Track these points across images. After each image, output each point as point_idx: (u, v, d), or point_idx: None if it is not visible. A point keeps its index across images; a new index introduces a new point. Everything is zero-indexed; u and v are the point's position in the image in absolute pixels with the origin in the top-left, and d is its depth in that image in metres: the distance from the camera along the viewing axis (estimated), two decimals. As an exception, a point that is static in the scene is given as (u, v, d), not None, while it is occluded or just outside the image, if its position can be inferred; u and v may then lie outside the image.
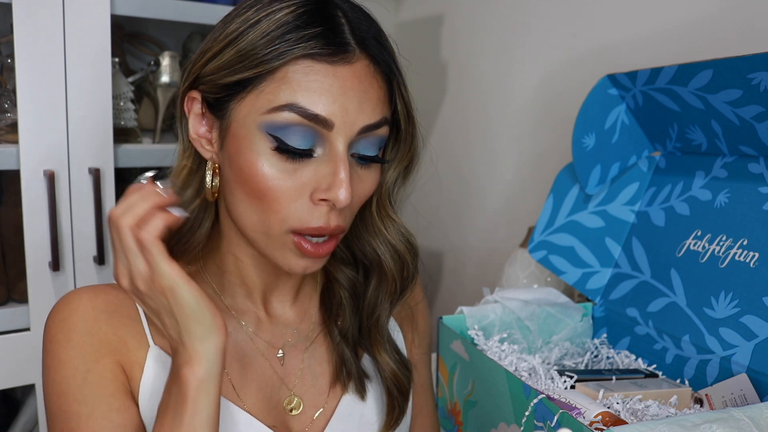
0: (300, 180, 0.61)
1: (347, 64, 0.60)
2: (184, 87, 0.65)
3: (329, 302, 0.76)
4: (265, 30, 0.59)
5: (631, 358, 0.82)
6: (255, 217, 0.63)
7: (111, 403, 0.63)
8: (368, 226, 0.72)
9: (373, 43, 0.62)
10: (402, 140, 0.69)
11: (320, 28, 0.59)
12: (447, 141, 1.51)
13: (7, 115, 1.13)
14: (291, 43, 0.59)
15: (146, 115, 1.34)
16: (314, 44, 0.59)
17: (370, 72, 0.62)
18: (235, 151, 0.62)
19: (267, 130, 0.60)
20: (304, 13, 0.60)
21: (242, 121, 0.61)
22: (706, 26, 0.93)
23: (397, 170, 0.71)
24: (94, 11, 1.10)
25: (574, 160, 0.88)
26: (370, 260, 0.74)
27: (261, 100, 0.60)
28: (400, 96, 0.66)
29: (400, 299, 0.75)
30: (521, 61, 1.29)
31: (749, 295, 0.71)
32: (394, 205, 0.72)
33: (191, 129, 0.65)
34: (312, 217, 0.62)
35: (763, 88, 0.68)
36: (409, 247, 0.73)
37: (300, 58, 0.59)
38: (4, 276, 1.16)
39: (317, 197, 0.61)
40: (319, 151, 0.61)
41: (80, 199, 1.12)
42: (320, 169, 0.61)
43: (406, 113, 0.67)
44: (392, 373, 0.74)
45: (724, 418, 0.53)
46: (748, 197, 0.75)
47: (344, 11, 0.62)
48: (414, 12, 1.61)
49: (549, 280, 1.07)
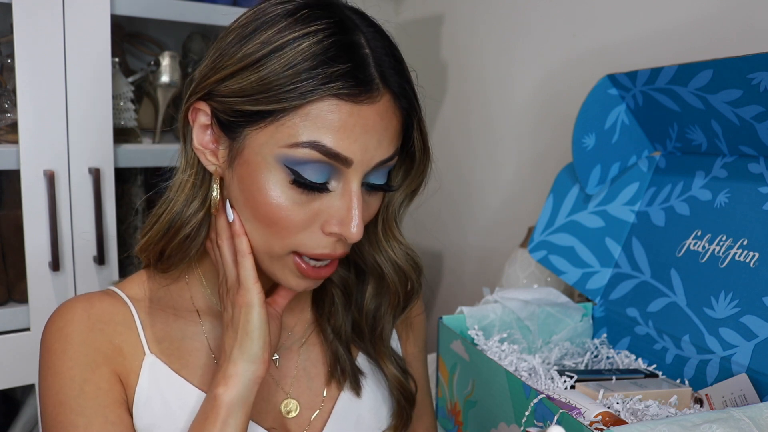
0: (312, 211, 0.60)
1: (372, 104, 0.59)
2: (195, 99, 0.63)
3: (321, 301, 0.76)
4: (290, 62, 0.56)
5: (631, 358, 0.82)
6: (260, 239, 0.63)
7: (107, 414, 0.64)
8: (372, 243, 0.72)
9: (395, 78, 0.61)
10: (415, 169, 0.68)
11: (348, 65, 0.57)
12: (447, 141, 1.51)
13: (7, 115, 1.13)
14: (318, 81, 0.56)
15: (146, 115, 1.34)
16: (342, 84, 0.57)
17: (392, 108, 0.61)
18: (247, 175, 0.61)
19: (284, 163, 0.59)
20: (331, 45, 0.57)
21: (257, 149, 0.59)
22: (706, 26, 0.93)
23: (404, 193, 0.71)
24: (94, 11, 1.10)
25: (574, 160, 0.88)
26: (368, 267, 0.74)
27: (281, 133, 0.58)
28: (419, 130, 0.65)
29: (403, 312, 0.76)
30: (521, 61, 1.29)
31: (749, 295, 0.71)
32: (400, 225, 0.72)
33: (195, 139, 0.64)
34: (319, 245, 0.62)
35: (763, 88, 0.68)
36: (413, 265, 0.74)
37: (327, 97, 0.57)
38: (4, 276, 1.16)
39: (328, 230, 0.61)
40: (333, 184, 0.60)
41: (80, 199, 1.12)
42: (333, 202, 0.61)
43: (423, 145, 0.66)
44: (398, 381, 0.75)
45: (724, 418, 0.53)
46: (748, 197, 0.75)
47: (367, 39, 0.60)
48: (414, 12, 1.61)
49: (549, 280, 1.07)
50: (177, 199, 0.66)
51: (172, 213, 0.66)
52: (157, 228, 0.67)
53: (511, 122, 1.32)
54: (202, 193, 0.66)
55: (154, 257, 0.69)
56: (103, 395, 0.64)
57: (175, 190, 0.67)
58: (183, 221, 0.66)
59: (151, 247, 0.68)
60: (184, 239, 0.67)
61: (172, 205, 0.66)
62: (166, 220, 0.66)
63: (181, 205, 0.66)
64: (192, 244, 0.68)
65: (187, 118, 0.65)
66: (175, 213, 0.66)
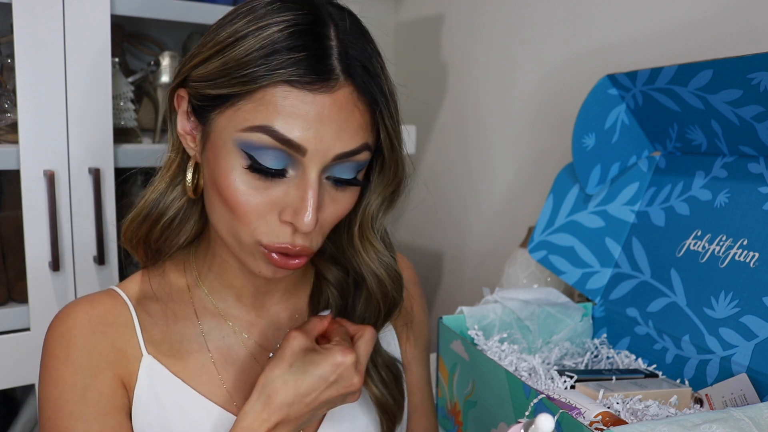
0: (270, 198, 0.61)
1: (328, 93, 0.59)
2: (174, 84, 0.65)
3: (318, 301, 0.76)
4: (250, 47, 0.58)
5: (631, 358, 0.82)
6: (227, 224, 0.63)
7: (107, 421, 0.64)
8: (352, 248, 0.72)
9: (360, 71, 0.61)
10: (387, 167, 0.67)
11: (305, 53, 0.58)
12: (447, 141, 1.51)
13: (7, 115, 1.13)
14: (272, 66, 0.57)
15: (146, 115, 1.34)
16: (294, 71, 0.57)
17: (353, 100, 0.60)
18: (212, 159, 0.62)
19: (242, 147, 0.59)
20: (293, 33, 0.58)
21: (220, 132, 0.61)
22: (706, 26, 0.93)
23: (381, 196, 0.69)
24: (94, 11, 1.10)
25: (574, 160, 0.88)
26: (356, 273, 0.74)
27: (238, 117, 0.59)
28: (384, 125, 0.64)
29: (384, 322, 0.75)
30: (521, 61, 1.29)
31: (749, 295, 0.71)
32: (378, 232, 0.71)
33: (179, 125, 0.65)
34: (278, 235, 0.62)
35: (763, 88, 0.68)
36: (391, 274, 0.72)
37: (279, 83, 0.57)
38: (4, 276, 1.16)
39: (283, 218, 0.61)
40: (291, 172, 0.60)
41: (80, 199, 1.12)
42: (290, 190, 0.61)
43: (390, 143, 0.65)
44: (377, 400, 0.74)
45: (724, 418, 0.53)
46: (748, 197, 0.75)
47: (338, 32, 0.60)
48: (414, 12, 1.61)
49: (549, 280, 1.07)
50: (159, 183, 0.68)
51: (154, 197, 0.67)
52: (137, 211, 0.68)
53: (511, 122, 1.32)
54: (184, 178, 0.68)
55: (141, 248, 0.70)
56: (104, 401, 0.64)
57: (160, 172, 0.68)
58: (165, 205, 0.67)
59: (134, 230, 0.69)
60: (168, 225, 0.68)
61: (154, 189, 0.68)
62: (147, 203, 0.68)
63: (162, 189, 0.68)
64: (177, 231, 0.69)
65: (173, 105, 0.66)
66: (156, 197, 0.67)
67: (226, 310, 0.72)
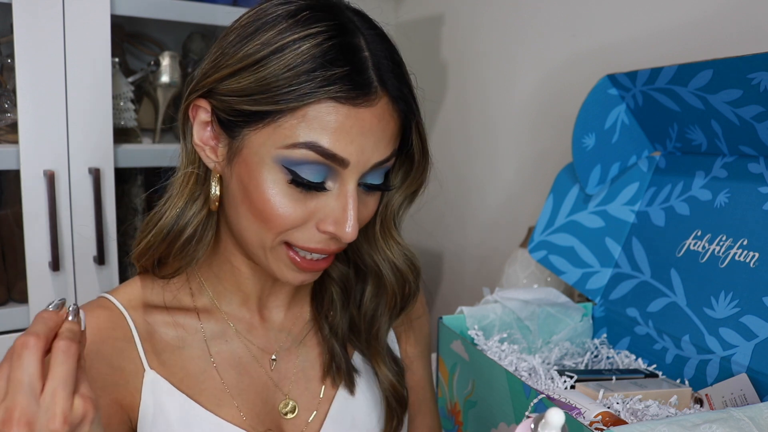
0: (308, 209, 0.61)
1: (369, 107, 0.59)
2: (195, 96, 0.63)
3: (320, 297, 0.76)
4: (290, 64, 0.57)
5: (631, 358, 0.82)
6: (253, 235, 0.63)
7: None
8: (371, 243, 0.72)
9: (393, 79, 0.61)
10: (414, 170, 0.69)
11: (347, 68, 0.57)
12: (447, 141, 1.51)
13: (7, 115, 1.13)
14: (316, 84, 0.57)
15: (146, 115, 1.35)
16: (340, 87, 0.57)
17: (389, 110, 0.61)
18: (245, 174, 0.61)
19: (282, 164, 0.59)
20: (330, 48, 0.57)
21: (256, 149, 0.60)
22: (706, 26, 0.93)
23: (404, 195, 0.71)
24: (94, 11, 1.10)
25: (574, 160, 0.88)
26: (367, 268, 0.74)
27: (278, 134, 0.58)
28: (417, 133, 0.65)
29: (400, 314, 0.76)
30: (521, 61, 1.29)
31: (749, 295, 0.71)
32: (399, 226, 0.72)
33: (195, 135, 0.64)
34: (312, 240, 0.62)
35: (763, 88, 0.68)
36: (411, 267, 0.74)
37: (324, 99, 0.57)
38: (4, 276, 1.16)
39: (323, 228, 0.61)
40: (330, 184, 0.61)
41: (80, 199, 1.12)
42: (330, 201, 0.61)
43: (422, 147, 0.66)
44: (391, 384, 0.75)
45: (724, 418, 0.53)
46: (748, 197, 0.75)
47: (367, 40, 0.60)
48: (414, 12, 1.61)
49: (549, 280, 1.07)
50: (178, 199, 0.65)
51: (173, 215, 0.65)
52: (157, 231, 0.66)
53: (511, 122, 1.32)
54: (205, 191, 0.66)
55: (151, 264, 0.68)
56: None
57: (177, 187, 0.66)
58: (185, 223, 0.65)
59: (150, 252, 0.67)
60: (188, 242, 0.66)
61: (172, 206, 0.65)
62: (166, 222, 0.65)
63: (182, 206, 0.65)
64: (198, 246, 0.67)
65: (187, 115, 0.65)
66: (176, 215, 0.65)
67: (230, 312, 0.72)
